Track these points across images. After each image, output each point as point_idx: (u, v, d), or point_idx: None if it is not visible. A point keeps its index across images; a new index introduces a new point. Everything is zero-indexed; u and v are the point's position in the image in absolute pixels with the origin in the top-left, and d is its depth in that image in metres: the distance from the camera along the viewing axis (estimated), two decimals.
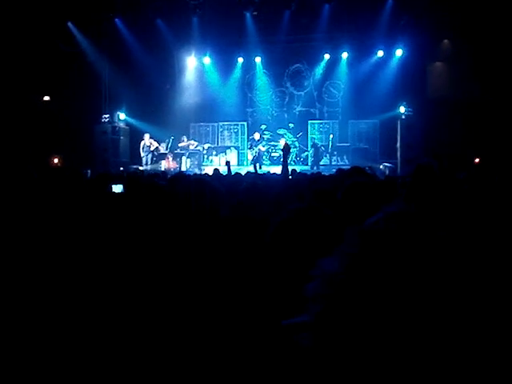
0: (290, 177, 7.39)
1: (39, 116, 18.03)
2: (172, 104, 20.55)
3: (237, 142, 21.20)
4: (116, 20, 18.68)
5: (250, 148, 19.62)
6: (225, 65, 20.96)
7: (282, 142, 17.84)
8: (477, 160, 15.24)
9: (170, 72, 20.92)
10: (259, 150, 19.01)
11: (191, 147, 19.35)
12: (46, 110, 18.54)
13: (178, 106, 20.60)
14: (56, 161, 17.83)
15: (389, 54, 19.03)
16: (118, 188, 5.18)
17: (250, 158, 19.46)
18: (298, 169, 11.93)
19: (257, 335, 1.81)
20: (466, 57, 17.29)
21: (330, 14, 18.23)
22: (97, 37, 18.47)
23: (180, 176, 6.00)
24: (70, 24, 18.32)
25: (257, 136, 19.43)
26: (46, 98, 18.99)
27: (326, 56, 20.18)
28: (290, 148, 5.97)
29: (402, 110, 18.06)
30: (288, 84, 21.32)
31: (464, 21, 16.73)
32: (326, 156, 19.70)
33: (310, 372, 1.09)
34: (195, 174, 9.64)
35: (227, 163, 9.31)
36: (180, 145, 19.34)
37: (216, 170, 10.43)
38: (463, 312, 0.99)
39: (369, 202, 3.07)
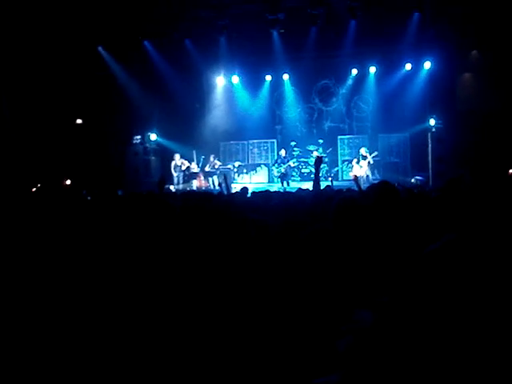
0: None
1: (72, 139, 18.34)
2: (202, 123, 20.70)
3: (267, 159, 21.20)
4: (145, 42, 18.97)
5: (274, 164, 19.58)
6: (253, 83, 21.09)
7: (315, 154, 17.73)
8: (511, 171, 14.99)
9: (199, 92, 21.10)
10: (288, 166, 18.97)
11: (216, 166, 19.42)
12: (79, 133, 18.85)
13: (207, 125, 20.76)
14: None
15: (417, 66, 18.91)
16: None
17: (276, 174, 19.40)
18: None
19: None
20: (495, 67, 17.12)
21: (357, 29, 18.20)
22: (126, 59, 18.76)
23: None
24: (100, 48, 18.67)
25: (283, 153, 19.40)
26: (79, 121, 19.31)
27: (354, 71, 20.16)
28: (322, 160, 5.65)
29: (432, 122, 17.90)
30: (316, 100, 21.32)
31: (492, 31, 16.58)
32: None
33: None
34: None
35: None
36: (207, 166, 19.44)
37: (245, 188, 10.40)
38: None
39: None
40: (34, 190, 13.51)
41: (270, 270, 2.74)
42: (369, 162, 18.25)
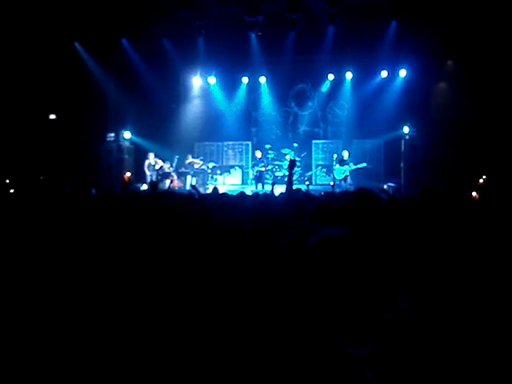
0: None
1: (45, 134, 18.13)
2: (177, 123, 20.63)
3: (241, 161, 21.20)
4: (122, 40, 18.83)
5: (253, 166, 19.58)
6: (230, 84, 21.04)
7: (288, 157, 17.75)
8: (481, 180, 15.22)
9: (175, 91, 21.03)
10: (260, 170, 18.99)
11: (196, 166, 19.37)
12: (52, 128, 18.64)
13: (182, 125, 20.69)
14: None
15: (393, 74, 19.07)
16: None
17: (252, 176, 19.42)
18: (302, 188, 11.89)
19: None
20: (470, 77, 17.35)
21: (335, 34, 18.35)
22: (103, 56, 18.60)
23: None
24: (76, 44, 18.49)
25: (258, 154, 19.39)
26: (52, 116, 19.09)
27: (330, 76, 20.23)
28: (295, 163, 5.61)
29: (406, 130, 18.05)
30: (292, 104, 21.38)
31: (467, 42, 16.82)
32: (329, 175, 19.72)
33: None
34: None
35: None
36: (187, 162, 19.39)
37: (215, 188, 10.45)
38: None
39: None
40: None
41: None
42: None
